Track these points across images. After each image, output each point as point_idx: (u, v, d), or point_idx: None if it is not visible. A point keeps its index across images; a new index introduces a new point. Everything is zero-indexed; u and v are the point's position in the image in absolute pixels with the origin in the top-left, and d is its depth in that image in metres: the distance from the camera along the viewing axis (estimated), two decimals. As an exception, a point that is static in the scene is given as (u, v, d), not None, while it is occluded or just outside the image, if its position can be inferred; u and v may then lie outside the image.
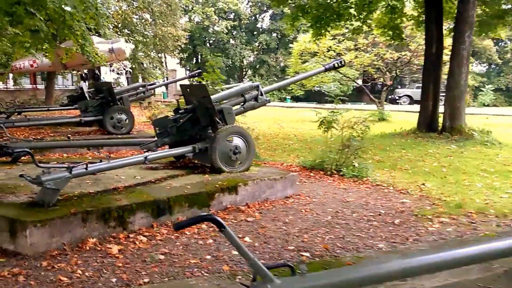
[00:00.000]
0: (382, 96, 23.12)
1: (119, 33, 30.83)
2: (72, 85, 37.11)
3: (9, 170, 6.61)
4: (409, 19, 15.11)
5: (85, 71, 23.67)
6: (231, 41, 47.81)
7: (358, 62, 21.21)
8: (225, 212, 5.70)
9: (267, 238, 4.79)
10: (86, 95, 16.70)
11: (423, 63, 14.64)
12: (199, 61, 47.83)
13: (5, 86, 30.08)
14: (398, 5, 13.66)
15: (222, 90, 13.44)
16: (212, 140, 6.47)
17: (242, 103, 7.32)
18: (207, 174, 6.47)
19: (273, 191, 6.44)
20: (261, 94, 7.40)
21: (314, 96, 36.68)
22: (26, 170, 6.42)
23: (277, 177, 6.51)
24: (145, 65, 34.14)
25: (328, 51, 23.78)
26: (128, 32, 32.85)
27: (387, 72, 22.68)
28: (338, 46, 21.99)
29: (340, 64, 8.60)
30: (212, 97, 6.81)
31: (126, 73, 26.18)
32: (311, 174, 8.29)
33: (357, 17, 14.03)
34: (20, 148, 7.07)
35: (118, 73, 41.10)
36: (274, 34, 48.57)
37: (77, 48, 13.41)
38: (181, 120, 6.90)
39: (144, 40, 33.44)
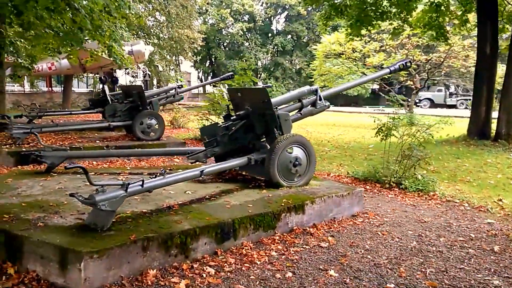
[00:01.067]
0: (412, 99, 22.29)
1: (135, 35, 30.32)
2: (87, 88, 36.64)
3: (45, 183, 5.94)
4: (452, 17, 14.32)
5: (104, 74, 23.25)
6: (245, 43, 47.17)
7: (388, 64, 20.37)
8: (291, 234, 5.00)
9: (355, 271, 4.08)
10: (109, 98, 16.22)
11: (474, 65, 13.80)
12: (214, 63, 47.23)
13: (22, 89, 29.55)
14: (443, 2, 12.87)
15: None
16: (271, 151, 5.78)
17: (299, 109, 6.61)
18: (264, 189, 5.78)
19: (340, 209, 5.74)
20: (320, 99, 6.69)
21: (332, 99, 35.63)
22: (63, 183, 5.80)
23: (344, 193, 5.80)
24: (160, 68, 33.61)
25: (353, 52, 23.07)
26: (143, 34, 32.35)
27: (417, 75, 21.89)
28: (365, 47, 21.20)
29: (406, 65, 7.87)
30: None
31: (144, 76, 25.50)
32: (367, 187, 7.57)
33: (397, 16, 13.29)
34: (55, 156, 6.44)
35: (133, 76, 40.73)
36: (289, 36, 47.84)
37: (103, 50, 12.78)
38: (232, 128, 6.20)
39: (160, 42, 32.97)
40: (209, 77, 50.02)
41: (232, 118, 6.18)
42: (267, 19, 50.00)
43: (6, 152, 8.76)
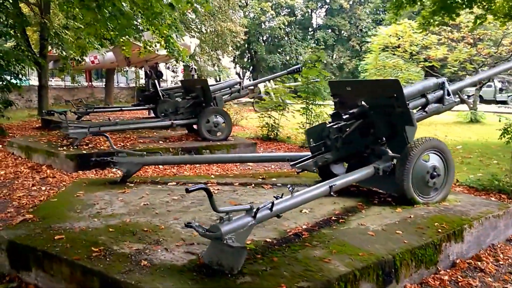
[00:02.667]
0: (475, 95, 20.66)
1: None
2: (126, 83, 36.01)
3: (125, 197, 4.89)
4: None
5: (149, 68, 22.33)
6: (286, 38, 45.86)
7: (452, 58, 18.86)
8: (457, 271, 3.82)
9: None
10: (160, 94, 15.24)
11: None
12: (253, 58, 46.09)
13: (62, 84, 29.02)
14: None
15: (317, 88, 11.70)
16: (404, 159, 4.59)
17: (423, 106, 5.37)
18: (397, 207, 4.59)
19: (496, 233, 4.51)
20: (448, 94, 5.44)
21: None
22: (146, 197, 4.73)
23: (500, 213, 4.56)
24: (200, 63, 32.70)
25: (410, 46, 21.50)
26: (184, 27, 31.42)
27: (480, 70, 20.22)
28: (427, 39, 19.66)
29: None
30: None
31: (190, 71, 24.53)
32: (492, 199, 6.27)
33: (481, 3, 11.86)
34: (131, 163, 5.40)
35: (173, 71, 39.96)
36: (329, 30, 46.29)
37: (159, 41, 11.77)
38: (346, 129, 5.02)
39: (201, 36, 32.00)
40: (247, 72, 49.02)
41: (344, 117, 4.98)
42: (307, 13, 48.58)
43: (64, 155, 7.79)
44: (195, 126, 10.72)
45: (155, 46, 12.87)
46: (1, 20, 11.70)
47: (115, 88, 30.26)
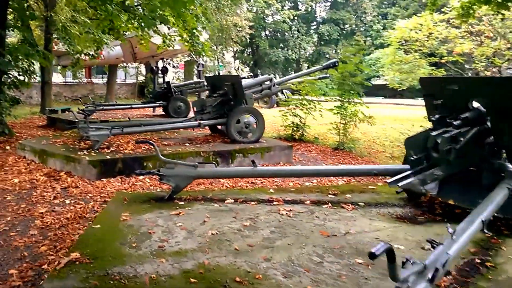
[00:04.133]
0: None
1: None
2: (124, 79, 34.80)
3: (181, 219, 3.95)
4: None
5: (155, 63, 21.36)
6: (289, 32, 44.78)
7: (479, 52, 17.91)
8: None
9: None
10: (173, 91, 14.26)
11: None
12: (255, 53, 45.02)
13: (64, 80, 27.93)
14: None
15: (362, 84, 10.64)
16: None
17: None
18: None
19: None
20: None
21: (372, 91, 32.32)
22: (211, 222, 3.78)
23: None
24: (202, 58, 31.62)
25: (427, 40, 20.54)
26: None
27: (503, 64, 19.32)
28: (450, 32, 18.69)
29: None
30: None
31: (198, 66, 23.52)
32: None
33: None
34: (182, 176, 4.44)
35: (174, 66, 38.86)
36: (332, 24, 45.21)
37: (181, 34, 10.79)
38: (460, 139, 4.04)
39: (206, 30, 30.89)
40: (246, 68, 47.92)
41: (456, 123, 4.01)
42: (311, 7, 47.56)
43: (87, 161, 6.81)
44: (219, 126, 9.80)
45: (174, 40, 11.89)
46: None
47: (116, 85, 29.18)
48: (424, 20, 19.14)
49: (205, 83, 16.17)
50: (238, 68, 47.51)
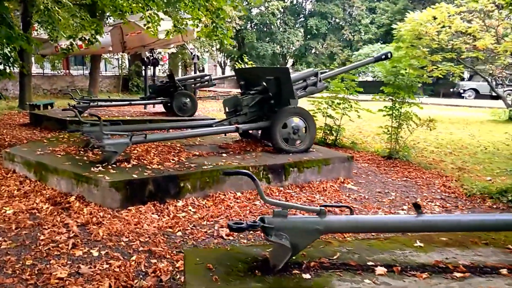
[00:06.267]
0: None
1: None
2: (107, 70, 32.43)
3: None
4: None
5: (147, 54, 19.39)
6: (277, 24, 42.94)
7: (502, 49, 16.42)
8: None
9: None
10: (178, 85, 12.42)
11: None
12: (242, 46, 43.03)
13: (41, 71, 25.51)
14: None
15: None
16: None
17: None
18: None
19: None
20: None
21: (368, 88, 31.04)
22: None
23: None
24: (195, 50, 29.51)
25: (438, 34, 18.97)
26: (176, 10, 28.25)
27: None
28: (470, 26, 17.20)
29: None
30: None
31: (193, 58, 21.54)
32: None
33: None
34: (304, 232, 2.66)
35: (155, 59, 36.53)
36: (320, 17, 43.51)
37: (199, 17, 8.90)
38: None
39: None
40: (228, 61, 45.92)
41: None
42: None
43: (108, 183, 4.94)
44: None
45: (186, 24, 9.97)
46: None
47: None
48: (440, 12, 17.63)
49: (212, 77, 14.34)
50: (222, 62, 45.52)
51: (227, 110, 7.63)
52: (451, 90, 35.76)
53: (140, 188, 5.16)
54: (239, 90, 8.60)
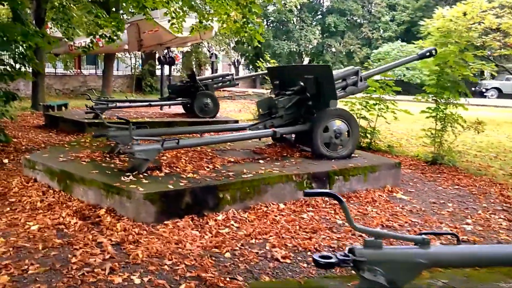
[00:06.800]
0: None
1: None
2: (118, 70, 31.96)
3: None
4: None
5: (164, 53, 18.93)
6: (294, 22, 42.21)
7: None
8: None
9: None
10: (200, 85, 11.93)
11: None
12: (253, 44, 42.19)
13: (54, 71, 25.10)
14: None
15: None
16: None
17: None
18: None
19: None
20: None
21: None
22: None
23: None
24: (214, 48, 28.98)
25: (468, 31, 18.23)
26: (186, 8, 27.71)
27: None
28: (501, 23, 16.46)
29: None
30: None
31: (210, 57, 21.01)
32: None
33: None
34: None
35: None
36: (338, 15, 42.74)
37: (227, 12, 8.35)
38: None
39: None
40: (242, 61, 45.36)
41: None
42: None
43: (142, 195, 4.41)
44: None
45: (212, 20, 9.41)
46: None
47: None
48: (472, 8, 16.90)
49: (234, 76, 13.81)
50: (236, 61, 44.94)
51: (260, 112, 7.08)
52: (473, 89, 34.91)
53: (176, 200, 4.64)
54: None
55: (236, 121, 12.21)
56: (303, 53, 44.32)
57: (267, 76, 11.14)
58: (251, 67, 44.54)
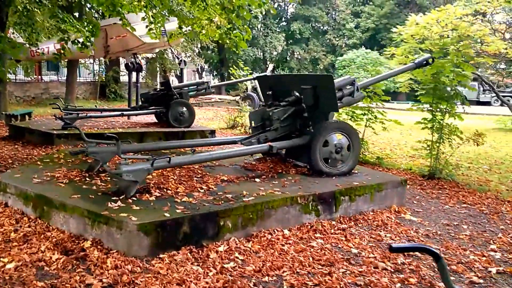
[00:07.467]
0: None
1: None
2: (81, 76, 30.71)
3: None
4: None
5: (132, 59, 18.06)
6: (259, 28, 41.85)
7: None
8: None
9: None
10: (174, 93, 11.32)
11: None
12: (222, 51, 41.75)
13: (14, 77, 23.82)
14: None
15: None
16: None
17: None
18: None
19: None
20: None
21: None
22: None
23: None
24: (181, 55, 28.10)
25: (440, 37, 18.21)
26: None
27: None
28: (481, 29, 16.36)
29: None
30: None
31: (179, 63, 20.30)
32: None
33: None
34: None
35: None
36: (303, 21, 42.66)
37: (208, 17, 7.79)
38: None
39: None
40: (206, 66, 44.66)
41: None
42: (281, 1, 44.94)
43: (136, 227, 3.82)
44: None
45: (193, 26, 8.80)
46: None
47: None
48: (446, 16, 16.85)
49: (210, 84, 13.20)
50: (200, 68, 44.12)
51: (253, 124, 6.54)
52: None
53: (173, 230, 4.05)
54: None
55: (213, 131, 11.64)
56: (267, 60, 44.00)
57: (259, 85, 10.53)
58: (215, 73, 43.94)
